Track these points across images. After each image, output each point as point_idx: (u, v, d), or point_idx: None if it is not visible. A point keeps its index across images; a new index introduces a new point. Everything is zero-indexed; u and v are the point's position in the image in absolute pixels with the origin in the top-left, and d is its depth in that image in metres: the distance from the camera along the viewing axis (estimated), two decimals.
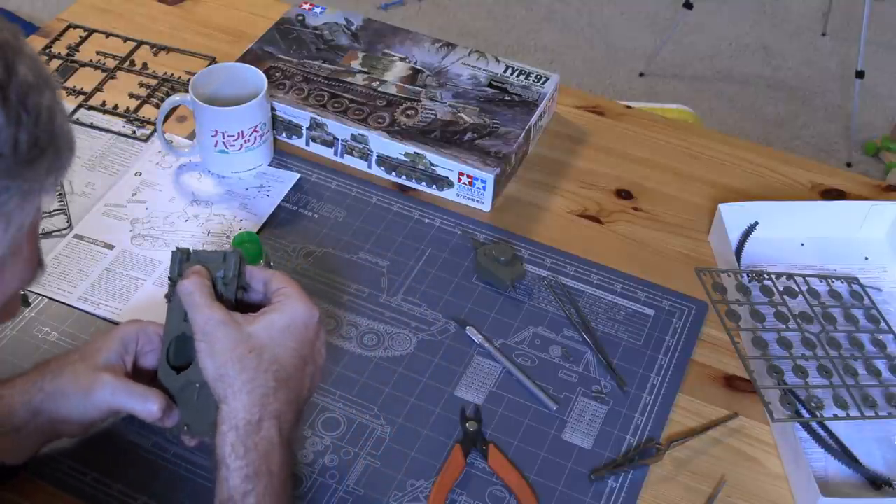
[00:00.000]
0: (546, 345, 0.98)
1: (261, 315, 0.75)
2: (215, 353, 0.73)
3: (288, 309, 0.76)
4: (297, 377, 0.75)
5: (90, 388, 0.78)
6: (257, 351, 0.73)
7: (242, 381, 0.72)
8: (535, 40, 3.01)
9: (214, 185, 1.13)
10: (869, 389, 0.93)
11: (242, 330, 0.73)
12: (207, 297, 0.75)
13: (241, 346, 0.73)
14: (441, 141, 1.12)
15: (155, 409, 0.77)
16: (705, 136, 1.25)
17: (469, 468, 0.87)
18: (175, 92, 1.23)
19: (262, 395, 0.72)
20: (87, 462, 0.86)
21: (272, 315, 0.75)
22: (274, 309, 0.76)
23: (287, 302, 0.76)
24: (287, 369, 0.74)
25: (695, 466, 0.89)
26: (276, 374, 0.73)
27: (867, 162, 2.65)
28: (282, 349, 0.74)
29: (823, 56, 2.99)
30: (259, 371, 0.73)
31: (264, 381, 0.73)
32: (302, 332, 0.76)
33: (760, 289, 1.01)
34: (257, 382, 0.72)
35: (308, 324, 0.76)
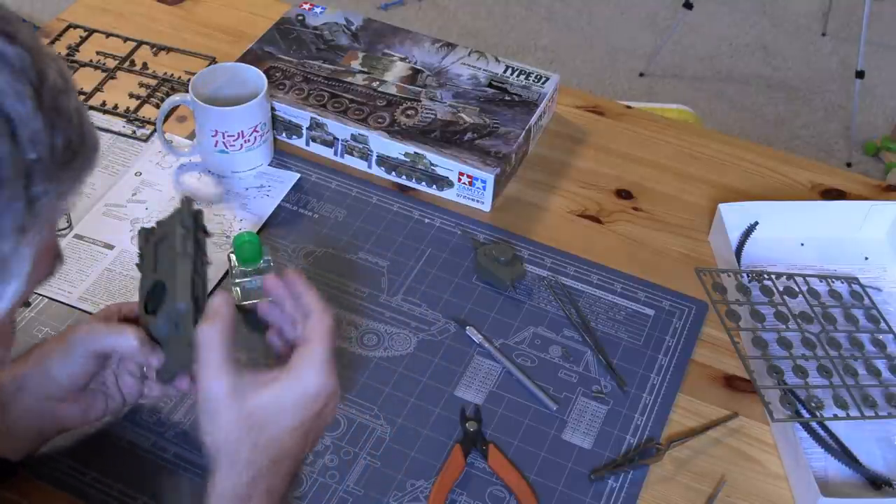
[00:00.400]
0: (546, 345, 0.98)
1: (271, 383, 0.72)
2: (215, 427, 0.71)
3: (303, 380, 0.72)
4: (294, 453, 0.73)
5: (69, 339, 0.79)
6: (257, 429, 0.71)
7: (236, 461, 0.71)
8: (535, 40, 3.01)
9: (214, 185, 1.13)
10: (869, 389, 0.93)
11: (245, 405, 0.71)
12: (220, 358, 0.71)
13: (240, 425, 0.71)
14: (441, 141, 1.12)
15: (133, 340, 0.77)
16: (705, 136, 1.25)
17: (469, 468, 0.87)
18: (175, 92, 1.23)
19: (255, 475, 0.71)
20: (86, 462, 0.86)
21: (283, 386, 0.72)
22: (287, 377, 0.72)
23: (304, 370, 0.72)
24: (285, 448, 0.72)
25: (695, 466, 0.89)
26: (273, 455, 0.72)
27: (867, 162, 2.65)
28: (284, 427, 0.72)
29: (823, 56, 2.99)
30: (256, 452, 0.71)
31: (258, 462, 0.71)
32: (310, 406, 0.73)
33: (760, 289, 1.01)
34: (251, 463, 0.71)
35: (320, 395, 0.73)
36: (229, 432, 0.71)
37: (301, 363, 0.73)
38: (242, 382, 0.71)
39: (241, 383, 0.71)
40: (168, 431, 0.88)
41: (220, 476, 0.71)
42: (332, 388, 0.74)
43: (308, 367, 0.73)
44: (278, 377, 0.72)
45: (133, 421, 0.89)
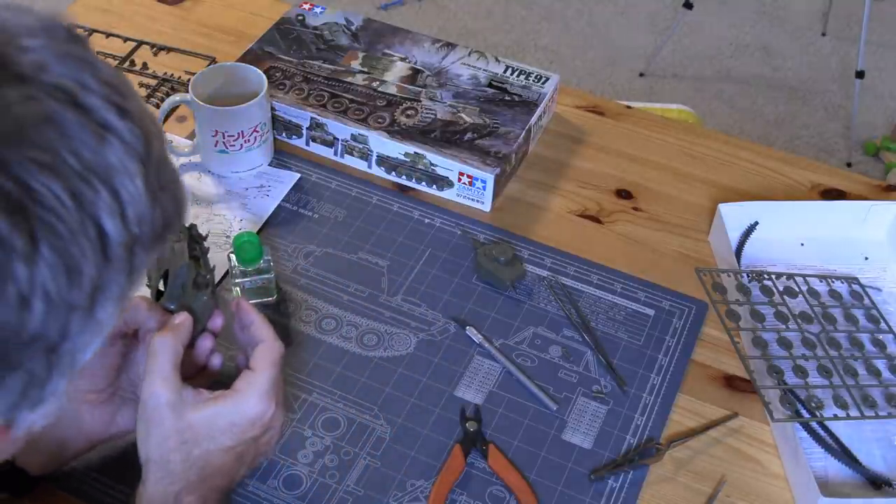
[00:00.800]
0: (546, 345, 0.98)
1: (212, 402, 0.74)
2: (149, 436, 0.73)
3: (241, 404, 0.74)
4: (226, 472, 0.75)
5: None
6: (190, 444, 0.73)
7: (167, 471, 0.72)
8: (535, 40, 3.01)
9: (214, 185, 1.13)
10: (869, 389, 0.93)
11: (183, 418, 0.73)
12: (168, 368, 0.73)
13: (173, 437, 0.72)
14: (441, 141, 1.12)
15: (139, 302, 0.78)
16: (705, 136, 1.25)
17: (469, 468, 0.87)
18: (175, 92, 1.23)
19: (183, 487, 0.73)
20: (89, 462, 0.85)
21: (221, 407, 0.74)
22: (226, 399, 0.74)
23: (243, 395, 0.75)
24: (216, 465, 0.74)
25: (695, 466, 0.89)
26: (201, 472, 0.73)
27: (867, 162, 2.65)
28: (216, 447, 0.74)
29: (823, 56, 2.99)
30: (185, 465, 0.73)
31: (185, 477, 0.73)
32: (246, 431, 0.75)
33: (760, 289, 1.01)
34: (178, 476, 0.72)
35: (256, 421, 0.75)
36: (163, 442, 0.73)
37: (243, 388, 0.75)
38: (184, 396, 0.73)
39: (183, 397, 0.73)
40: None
41: (150, 483, 0.73)
42: (271, 416, 0.76)
43: (249, 393, 0.75)
44: (219, 397, 0.74)
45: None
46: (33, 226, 0.43)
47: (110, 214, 0.47)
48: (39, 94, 0.45)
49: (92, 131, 0.47)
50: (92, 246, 0.46)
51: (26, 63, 0.46)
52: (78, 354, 0.48)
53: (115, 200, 0.47)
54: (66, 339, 0.47)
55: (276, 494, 0.85)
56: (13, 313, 0.44)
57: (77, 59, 0.48)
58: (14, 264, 0.43)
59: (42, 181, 0.44)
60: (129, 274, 0.50)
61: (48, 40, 0.47)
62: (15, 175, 0.43)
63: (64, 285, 0.45)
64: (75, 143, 0.46)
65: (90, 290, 0.47)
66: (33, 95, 0.45)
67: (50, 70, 0.46)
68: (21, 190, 0.43)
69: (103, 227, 0.46)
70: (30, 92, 0.45)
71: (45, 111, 0.45)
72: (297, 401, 0.92)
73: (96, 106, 0.47)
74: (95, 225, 0.46)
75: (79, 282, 0.46)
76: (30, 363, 0.46)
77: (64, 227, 0.45)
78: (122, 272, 0.49)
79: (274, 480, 0.86)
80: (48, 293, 0.45)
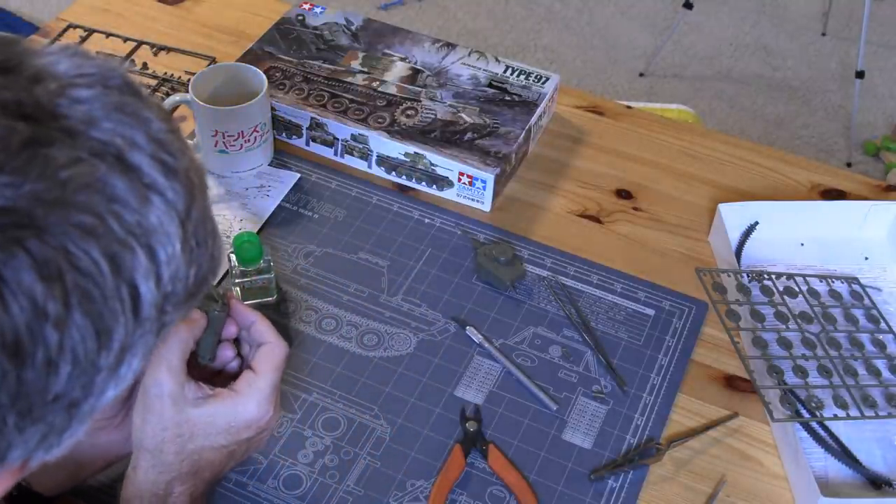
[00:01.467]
0: (546, 345, 0.98)
1: (212, 400, 0.74)
2: (146, 423, 0.72)
3: (240, 406, 0.74)
4: (214, 467, 0.75)
5: None
6: (185, 437, 0.72)
7: (159, 460, 0.72)
8: (535, 40, 3.01)
9: (214, 185, 1.13)
10: (869, 389, 0.93)
11: (182, 411, 0.72)
12: (176, 359, 0.72)
13: (170, 429, 0.72)
14: (441, 141, 1.12)
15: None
16: (705, 136, 1.25)
17: (469, 468, 0.87)
18: (175, 92, 1.23)
19: (173, 478, 0.73)
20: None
21: (220, 406, 0.73)
22: (226, 400, 0.74)
23: (243, 398, 0.74)
24: (207, 461, 0.74)
25: (695, 466, 0.89)
26: (193, 465, 0.73)
27: (867, 162, 2.65)
28: (210, 444, 0.74)
29: (823, 56, 2.99)
30: (177, 458, 0.73)
31: (178, 468, 0.73)
32: (242, 432, 0.75)
33: (760, 289, 1.01)
34: (170, 467, 0.73)
35: (252, 423, 0.75)
36: (159, 432, 0.72)
37: (244, 390, 0.75)
38: (186, 391, 0.73)
39: (185, 391, 0.73)
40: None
41: (141, 470, 0.73)
42: (268, 419, 0.76)
43: (250, 396, 0.74)
44: (220, 396, 0.74)
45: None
46: (68, 291, 0.43)
47: (146, 277, 0.46)
48: (86, 155, 0.44)
49: (136, 193, 0.46)
50: (124, 308, 0.45)
51: (77, 116, 0.45)
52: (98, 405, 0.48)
53: (152, 262, 0.46)
54: (90, 396, 0.47)
55: (276, 494, 0.85)
56: (40, 375, 0.43)
57: (129, 113, 0.47)
58: (46, 329, 0.42)
59: (81, 246, 0.43)
60: (158, 332, 0.49)
61: (102, 91, 0.47)
62: (55, 241, 0.42)
63: (93, 349, 0.45)
64: (118, 207, 0.45)
65: (118, 351, 0.46)
66: (80, 157, 0.44)
67: (100, 125, 0.45)
68: (60, 256, 0.43)
69: (138, 289, 0.46)
70: (77, 154, 0.44)
71: (91, 174, 0.44)
72: (297, 401, 0.92)
73: (143, 165, 0.46)
74: (130, 287, 0.46)
75: (108, 345, 0.45)
76: (51, 417, 0.46)
77: (98, 293, 0.44)
78: (151, 332, 0.48)
79: (274, 480, 0.86)
80: (76, 356, 0.44)
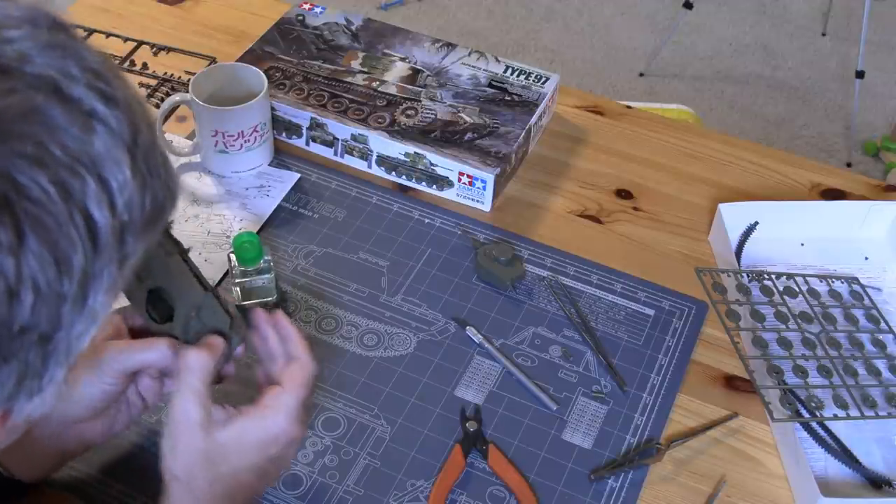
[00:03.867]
0: (546, 345, 0.98)
1: (238, 417, 0.73)
2: (175, 452, 0.72)
3: (269, 422, 0.73)
4: (247, 489, 0.75)
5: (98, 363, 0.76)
6: (217, 463, 0.72)
7: (191, 488, 0.72)
8: (535, 40, 3.01)
9: (214, 185, 1.13)
10: (869, 389, 0.93)
11: (210, 438, 0.72)
12: (200, 386, 0.72)
13: (201, 457, 0.72)
14: (441, 141, 1.12)
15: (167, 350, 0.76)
16: (705, 136, 1.25)
17: (469, 468, 0.87)
18: (175, 92, 1.23)
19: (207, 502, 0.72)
20: (87, 462, 0.86)
21: (248, 422, 0.73)
22: (254, 415, 0.73)
23: (271, 412, 0.74)
24: (240, 483, 0.73)
25: (695, 466, 0.89)
26: (228, 489, 0.73)
27: (867, 162, 2.65)
28: (242, 464, 0.73)
29: (823, 56, 2.99)
30: (212, 484, 0.72)
31: (213, 494, 0.72)
32: (271, 448, 0.74)
33: (760, 289, 1.01)
34: (206, 494, 0.72)
35: (279, 439, 0.74)
36: (190, 461, 0.72)
37: (269, 404, 0.74)
38: (213, 415, 0.73)
39: (213, 416, 0.73)
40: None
41: (174, 500, 0.72)
42: (294, 436, 0.75)
43: (275, 411, 0.74)
44: (246, 413, 0.74)
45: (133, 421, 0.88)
46: (19, 219, 0.43)
47: (98, 203, 0.47)
48: (22, 87, 0.45)
49: (77, 121, 0.46)
50: (80, 235, 0.46)
51: (8, 55, 0.46)
52: (73, 343, 0.48)
53: (103, 189, 0.47)
54: (59, 329, 0.47)
55: (276, 494, 0.85)
56: (2, 306, 0.44)
57: (61, 48, 0.48)
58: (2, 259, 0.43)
59: (27, 174, 0.44)
60: (121, 262, 0.49)
61: (31, 30, 0.47)
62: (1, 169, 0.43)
63: (53, 276, 0.45)
64: (60, 134, 0.46)
65: (80, 278, 0.47)
66: (16, 88, 0.45)
67: (33, 61, 0.46)
68: (6, 183, 0.43)
69: (92, 216, 0.46)
70: (12, 84, 0.45)
71: (28, 103, 0.45)
72: None
73: (81, 95, 0.47)
74: (83, 214, 0.46)
75: (68, 272, 0.46)
76: (23, 354, 0.46)
77: (51, 219, 0.45)
78: (112, 261, 0.48)
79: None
80: (37, 284, 0.45)
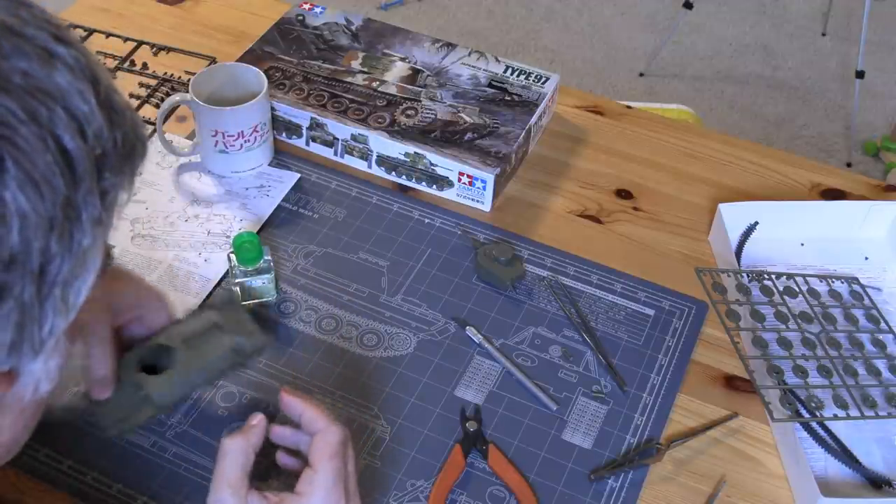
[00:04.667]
0: (546, 345, 0.98)
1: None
2: None
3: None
4: None
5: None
6: None
7: None
8: (535, 40, 3.01)
9: (214, 185, 1.13)
10: (869, 389, 0.93)
11: None
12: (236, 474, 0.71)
13: None
14: (441, 141, 1.12)
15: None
16: (705, 136, 1.25)
17: (469, 468, 0.87)
18: (175, 92, 1.23)
19: None
20: (86, 462, 0.86)
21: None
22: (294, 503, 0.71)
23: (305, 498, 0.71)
24: None
25: (695, 466, 0.89)
26: None
27: (867, 162, 2.65)
28: None
29: (823, 56, 2.99)
30: None
31: None
32: None
33: (760, 289, 1.01)
34: None
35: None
36: None
37: (303, 490, 0.72)
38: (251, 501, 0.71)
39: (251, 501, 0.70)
40: (168, 431, 0.88)
41: None
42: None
43: (312, 494, 0.71)
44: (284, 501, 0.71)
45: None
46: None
47: (67, 130, 0.47)
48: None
49: (37, 56, 0.48)
50: (56, 160, 0.47)
51: None
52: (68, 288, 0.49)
53: (71, 118, 0.48)
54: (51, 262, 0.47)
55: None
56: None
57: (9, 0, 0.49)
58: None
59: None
60: (102, 196, 0.50)
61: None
62: None
63: (36, 199, 0.45)
64: (21, 64, 0.47)
65: (63, 204, 0.47)
66: None
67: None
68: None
69: (63, 143, 0.47)
70: None
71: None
72: None
73: (37, 35, 0.48)
74: (55, 140, 0.47)
75: (51, 196, 0.46)
76: (18, 290, 0.46)
77: (23, 142, 0.45)
78: (94, 193, 0.49)
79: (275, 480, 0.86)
80: (21, 208, 0.45)
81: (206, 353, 0.82)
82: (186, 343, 0.82)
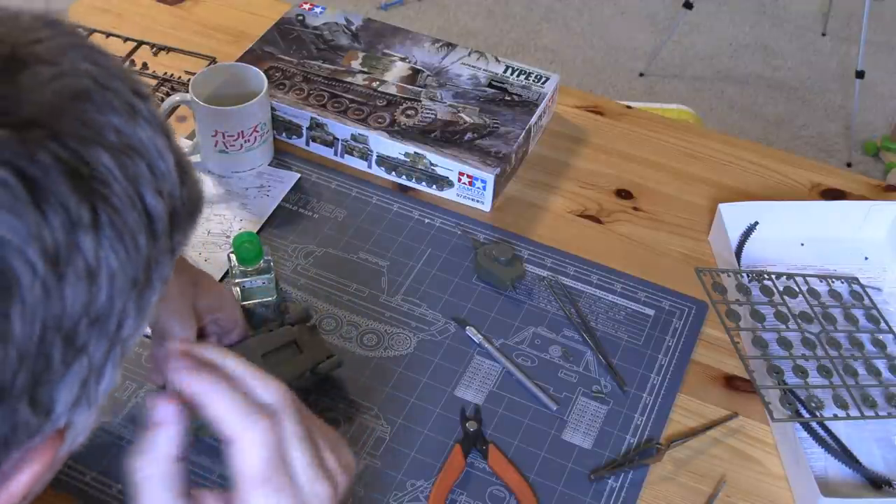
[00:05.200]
0: (546, 345, 0.98)
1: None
2: None
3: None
4: None
5: None
6: None
7: None
8: (535, 40, 3.01)
9: (214, 185, 1.13)
10: (869, 389, 0.93)
11: None
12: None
13: None
14: (441, 141, 1.12)
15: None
16: (705, 136, 1.25)
17: (469, 468, 0.87)
18: (175, 92, 1.23)
19: None
20: (86, 462, 0.86)
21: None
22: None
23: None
24: None
25: (695, 466, 0.89)
26: None
27: (867, 162, 2.65)
28: None
29: (823, 56, 2.99)
30: None
31: None
32: None
33: (760, 289, 1.01)
34: None
35: None
36: None
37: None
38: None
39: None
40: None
41: None
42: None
43: None
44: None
45: (133, 421, 0.89)
46: (94, 197, 0.43)
47: (150, 187, 0.47)
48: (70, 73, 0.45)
49: (122, 108, 0.47)
50: (141, 220, 0.46)
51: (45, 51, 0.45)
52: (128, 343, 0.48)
53: (153, 175, 0.47)
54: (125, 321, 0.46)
55: None
56: (84, 289, 0.43)
57: (88, 47, 0.48)
58: (81, 237, 0.42)
59: (92, 153, 0.44)
60: (171, 255, 0.49)
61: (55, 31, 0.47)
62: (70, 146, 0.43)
63: (124, 258, 0.45)
64: (112, 119, 0.46)
65: (145, 265, 0.46)
66: (65, 72, 0.45)
67: (69, 55, 0.46)
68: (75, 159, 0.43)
69: (146, 201, 0.46)
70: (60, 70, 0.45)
71: (79, 87, 0.45)
72: None
73: (119, 88, 0.47)
74: (139, 197, 0.46)
75: (135, 255, 0.45)
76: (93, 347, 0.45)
77: (117, 200, 0.44)
78: (167, 252, 0.48)
79: None
80: (111, 267, 0.44)
81: (285, 373, 0.83)
82: (265, 359, 0.84)
